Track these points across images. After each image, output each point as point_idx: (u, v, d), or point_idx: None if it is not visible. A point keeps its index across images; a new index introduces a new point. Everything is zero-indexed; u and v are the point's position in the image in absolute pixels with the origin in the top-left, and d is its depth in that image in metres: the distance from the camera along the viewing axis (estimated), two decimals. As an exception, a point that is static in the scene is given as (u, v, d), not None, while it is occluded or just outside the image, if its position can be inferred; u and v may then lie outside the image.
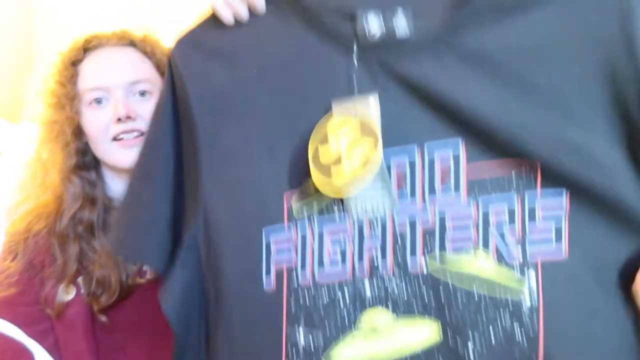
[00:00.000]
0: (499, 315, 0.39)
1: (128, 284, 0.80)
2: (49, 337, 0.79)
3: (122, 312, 0.80)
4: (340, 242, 0.43)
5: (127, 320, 0.80)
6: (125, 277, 0.79)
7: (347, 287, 0.43)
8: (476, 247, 0.40)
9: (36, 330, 0.78)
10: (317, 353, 0.43)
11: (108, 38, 0.82)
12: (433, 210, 0.41)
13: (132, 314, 0.81)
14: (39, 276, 0.78)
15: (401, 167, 0.42)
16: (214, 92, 0.48)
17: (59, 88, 0.78)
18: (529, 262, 0.39)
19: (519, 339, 0.39)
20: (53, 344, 0.79)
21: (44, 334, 0.78)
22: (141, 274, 0.82)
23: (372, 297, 0.43)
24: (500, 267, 0.39)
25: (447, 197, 0.41)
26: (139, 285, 0.82)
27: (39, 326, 0.78)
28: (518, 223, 0.40)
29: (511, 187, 0.40)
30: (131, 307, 0.81)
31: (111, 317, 0.79)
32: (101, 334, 0.79)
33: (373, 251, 0.43)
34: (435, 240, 0.41)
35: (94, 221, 0.79)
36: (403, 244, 0.42)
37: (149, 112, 0.74)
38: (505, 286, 0.39)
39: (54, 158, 0.79)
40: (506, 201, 0.40)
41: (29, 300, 0.78)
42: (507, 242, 0.40)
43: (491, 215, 0.40)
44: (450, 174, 0.41)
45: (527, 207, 0.40)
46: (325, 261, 0.44)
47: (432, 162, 0.41)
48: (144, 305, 0.81)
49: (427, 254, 0.41)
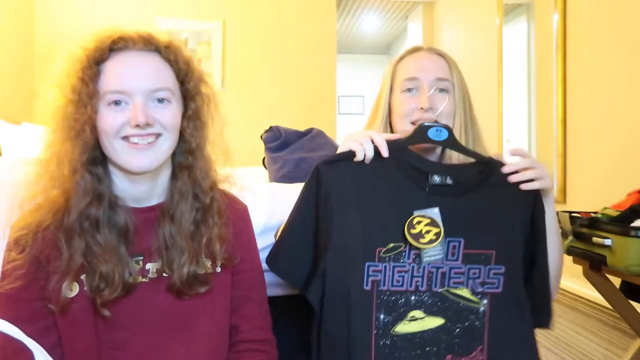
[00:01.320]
0: (469, 314, 0.88)
1: (130, 281, 0.80)
2: (52, 334, 0.79)
3: (124, 310, 0.80)
4: (402, 274, 0.87)
5: (129, 319, 0.81)
6: (128, 274, 0.80)
7: (404, 296, 0.87)
8: (463, 286, 0.89)
9: (39, 326, 0.78)
10: (389, 326, 0.86)
11: (135, 41, 0.81)
12: (447, 266, 0.88)
13: (134, 312, 0.81)
14: (44, 270, 0.78)
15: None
16: (345, 192, 0.89)
17: (81, 85, 0.77)
18: (484, 293, 0.89)
19: (477, 324, 0.88)
20: (55, 341, 0.79)
21: (47, 330, 0.79)
22: (144, 273, 0.83)
23: (415, 302, 0.87)
24: (472, 295, 0.88)
25: (453, 262, 0.89)
26: (141, 284, 0.82)
27: (42, 323, 0.78)
28: (482, 277, 0.89)
29: (481, 261, 0.89)
30: (132, 306, 0.81)
31: (113, 314, 0.79)
32: (102, 332, 0.79)
33: (417, 280, 0.88)
34: (446, 279, 0.88)
35: (100, 217, 0.79)
36: (433, 279, 0.88)
37: (165, 117, 0.81)
38: (473, 301, 0.88)
39: (67, 152, 0.79)
40: (478, 267, 0.89)
41: (33, 296, 0.78)
42: (476, 285, 0.88)
43: (470, 273, 0.88)
44: (456, 253, 0.89)
45: (488, 271, 0.89)
46: (394, 281, 0.87)
47: (449, 245, 0.89)
48: (145, 304, 0.82)
49: (442, 286, 0.88)
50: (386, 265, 0.87)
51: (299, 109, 4.04)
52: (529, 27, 3.33)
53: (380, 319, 0.86)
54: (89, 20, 3.72)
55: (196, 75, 0.87)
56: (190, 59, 0.87)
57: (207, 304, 0.86)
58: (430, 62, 1.06)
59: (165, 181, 0.88)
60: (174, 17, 3.85)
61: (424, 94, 1.02)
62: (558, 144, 2.91)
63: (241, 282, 0.92)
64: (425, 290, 0.87)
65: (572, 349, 2.10)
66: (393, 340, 0.86)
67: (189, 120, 0.86)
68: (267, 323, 0.95)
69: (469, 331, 0.86)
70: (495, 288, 0.88)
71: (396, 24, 5.99)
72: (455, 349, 0.86)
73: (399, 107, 1.05)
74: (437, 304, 0.87)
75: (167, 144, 0.82)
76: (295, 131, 1.61)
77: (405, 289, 0.87)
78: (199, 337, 0.85)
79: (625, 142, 2.39)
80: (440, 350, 0.86)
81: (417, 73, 1.04)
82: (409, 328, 0.86)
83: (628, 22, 2.39)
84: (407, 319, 0.86)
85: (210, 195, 0.88)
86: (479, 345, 0.87)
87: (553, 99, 2.94)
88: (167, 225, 0.84)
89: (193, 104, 0.86)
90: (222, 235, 0.88)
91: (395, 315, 0.86)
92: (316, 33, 4.13)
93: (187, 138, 0.86)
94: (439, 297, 0.87)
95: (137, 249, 0.83)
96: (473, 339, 0.87)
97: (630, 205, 1.37)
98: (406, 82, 1.05)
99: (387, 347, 0.85)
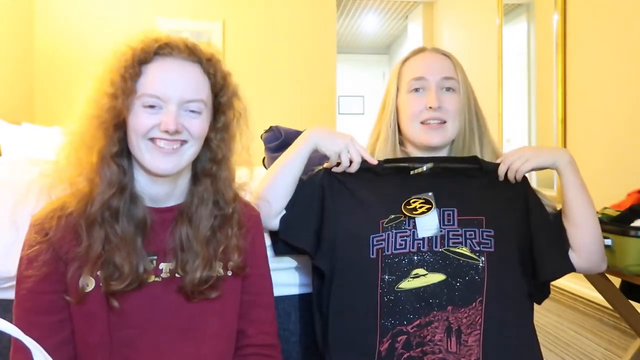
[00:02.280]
0: (469, 269, 0.95)
1: (143, 275, 0.81)
2: (66, 328, 0.80)
3: (135, 308, 0.81)
4: (404, 238, 0.97)
5: (140, 317, 0.81)
6: (142, 268, 0.80)
7: (407, 257, 0.96)
8: (461, 245, 0.97)
9: (55, 319, 0.79)
10: (392, 284, 0.94)
11: (180, 49, 0.83)
12: (445, 229, 0.98)
13: (145, 310, 0.82)
14: (63, 261, 0.79)
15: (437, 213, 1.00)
16: (347, 180, 1.04)
17: (121, 82, 0.78)
18: (482, 251, 0.96)
19: (477, 279, 0.94)
20: (68, 335, 0.80)
21: (61, 323, 0.80)
22: (157, 272, 0.84)
23: (417, 261, 0.95)
24: (471, 253, 0.96)
25: (450, 226, 0.98)
26: (154, 283, 0.83)
27: (58, 315, 0.79)
28: (478, 238, 0.97)
29: (474, 225, 0.98)
30: (144, 304, 0.82)
31: (124, 311, 0.80)
32: (114, 329, 0.80)
33: (419, 242, 0.97)
34: (445, 240, 0.97)
35: (120, 208, 0.80)
36: (433, 240, 0.97)
37: (194, 126, 0.83)
38: (473, 258, 0.96)
39: (97, 142, 0.80)
40: (473, 229, 0.98)
41: (52, 288, 0.79)
42: (473, 244, 0.96)
43: (467, 234, 0.97)
44: (452, 219, 0.98)
45: (481, 233, 0.97)
46: (397, 245, 0.96)
47: (444, 213, 0.99)
48: (156, 304, 0.83)
49: (442, 246, 0.96)
50: (389, 233, 0.97)
51: (299, 109, 4.04)
52: (529, 27, 3.33)
53: (385, 280, 0.94)
54: (89, 20, 3.72)
55: (231, 90, 0.89)
56: (229, 74, 0.89)
57: (217, 307, 0.87)
58: (436, 61, 1.08)
59: (185, 184, 0.89)
60: (174, 17, 3.86)
61: (432, 93, 1.04)
62: (558, 144, 2.91)
63: (250, 287, 0.93)
64: (426, 250, 0.95)
65: (572, 349, 2.10)
66: (397, 296, 0.93)
67: (218, 132, 0.88)
68: (273, 328, 0.96)
69: (469, 285, 0.93)
70: (489, 248, 0.96)
71: (396, 24, 5.99)
72: (456, 300, 0.93)
73: (407, 107, 1.07)
74: (438, 261, 0.94)
75: (191, 151, 0.84)
76: (295, 131, 1.61)
77: (408, 250, 0.96)
78: (207, 339, 0.86)
79: (625, 142, 2.39)
80: (442, 302, 0.92)
81: (424, 73, 1.06)
82: (413, 284, 0.93)
83: (628, 22, 2.39)
84: (410, 276, 0.94)
85: (232, 206, 0.89)
86: (478, 297, 0.93)
87: (553, 99, 2.94)
88: (184, 226, 0.85)
89: (223, 117, 0.89)
90: (240, 246, 0.89)
91: (399, 274, 0.94)
92: (316, 33, 4.13)
93: (213, 148, 0.88)
94: (440, 256, 0.95)
95: (152, 248, 0.84)
96: (473, 291, 0.93)
97: (630, 205, 1.37)
98: (413, 82, 1.06)
99: (391, 301, 0.93)
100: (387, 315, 0.93)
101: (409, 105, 1.06)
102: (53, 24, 3.69)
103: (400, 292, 0.93)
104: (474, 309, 0.92)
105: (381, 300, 0.93)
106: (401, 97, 1.09)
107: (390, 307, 0.93)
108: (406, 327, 0.92)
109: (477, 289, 0.93)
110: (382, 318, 0.93)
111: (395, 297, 0.93)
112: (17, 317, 0.78)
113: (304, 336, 1.19)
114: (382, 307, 0.93)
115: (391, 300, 0.93)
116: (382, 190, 1.02)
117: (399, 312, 0.93)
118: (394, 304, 0.93)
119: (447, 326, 0.91)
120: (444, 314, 0.92)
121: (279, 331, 0.98)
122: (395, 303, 0.93)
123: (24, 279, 0.78)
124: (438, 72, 1.06)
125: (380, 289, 0.94)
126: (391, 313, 0.93)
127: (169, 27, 3.77)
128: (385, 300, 0.93)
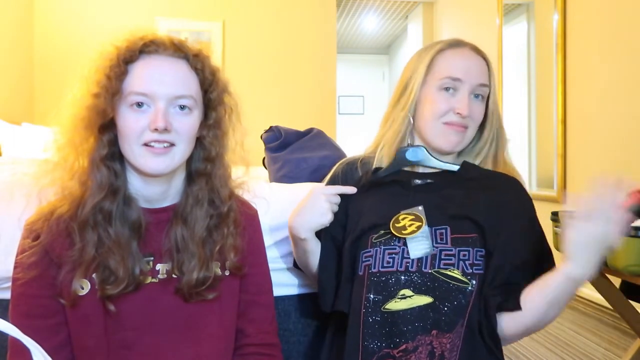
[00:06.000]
0: (458, 293, 0.89)
1: (139, 277, 0.80)
2: (62, 331, 0.80)
3: (133, 309, 0.80)
4: (392, 255, 0.93)
5: (137, 318, 0.81)
6: (138, 270, 0.80)
7: (394, 276, 0.91)
8: (453, 267, 0.91)
9: (51, 323, 0.78)
10: (379, 304, 0.90)
11: (165, 46, 0.82)
12: (437, 248, 0.92)
13: (142, 312, 0.81)
14: (56, 264, 0.78)
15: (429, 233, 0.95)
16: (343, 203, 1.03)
17: (107, 81, 0.78)
18: (474, 274, 0.91)
19: (463, 302, 0.88)
20: (65, 338, 0.80)
21: (58, 326, 0.79)
22: (153, 273, 0.83)
23: (405, 281, 0.90)
24: (462, 276, 0.90)
25: (442, 245, 0.93)
26: (151, 284, 0.82)
27: (53, 319, 0.79)
28: (471, 259, 0.91)
29: (469, 244, 0.92)
30: (141, 306, 0.81)
31: (122, 312, 0.79)
32: (111, 331, 0.80)
33: (407, 261, 0.92)
34: (436, 261, 0.91)
35: (113, 211, 0.80)
36: (423, 260, 0.92)
37: (183, 125, 0.82)
38: (463, 282, 0.90)
39: (86, 144, 0.79)
40: (467, 249, 0.92)
41: (45, 292, 0.78)
42: (466, 267, 0.90)
43: (461, 255, 0.91)
44: (444, 237, 0.93)
45: (475, 253, 0.92)
46: (384, 262, 0.93)
47: (436, 232, 0.94)
48: (153, 305, 0.82)
49: (432, 267, 0.91)
50: (377, 249, 0.94)
51: (299, 109, 4.04)
52: (529, 27, 3.33)
53: (370, 299, 0.90)
54: (89, 20, 3.72)
55: (221, 85, 0.88)
56: (217, 69, 0.88)
57: (215, 307, 0.86)
58: (476, 65, 1.02)
59: (179, 184, 0.88)
60: (174, 17, 3.85)
61: (465, 100, 0.98)
62: (558, 144, 2.91)
63: (249, 286, 0.92)
64: (415, 270, 0.90)
65: (572, 349, 2.10)
66: (384, 317, 0.88)
67: (210, 129, 0.87)
68: (273, 328, 0.95)
69: (456, 309, 0.87)
70: (480, 270, 0.90)
71: (396, 24, 5.99)
72: (442, 325, 0.86)
73: (433, 104, 1.00)
74: (426, 283, 0.89)
75: (181, 152, 0.83)
76: (295, 131, 1.61)
77: (396, 269, 0.91)
78: (206, 339, 0.85)
79: (625, 142, 2.39)
80: (427, 325, 0.87)
81: (462, 74, 0.99)
82: (399, 305, 0.88)
83: (628, 22, 2.39)
84: (397, 297, 0.89)
85: (228, 205, 0.89)
86: (461, 320, 0.87)
87: (553, 99, 2.94)
88: (179, 227, 0.84)
89: (214, 114, 0.87)
90: (237, 245, 0.88)
91: (386, 294, 0.90)
92: (316, 33, 4.13)
93: (206, 146, 0.87)
94: (428, 277, 0.90)
95: (148, 249, 0.83)
96: (458, 315, 0.87)
97: (630, 205, 1.37)
98: (447, 81, 0.99)
99: (376, 322, 0.89)
100: (371, 337, 0.88)
101: (437, 104, 1.00)
102: (53, 24, 3.69)
103: (387, 314, 0.88)
104: (456, 333, 0.86)
105: (365, 320, 0.89)
106: (428, 90, 1.01)
107: (376, 328, 0.88)
108: (392, 350, 0.86)
109: (462, 312, 0.87)
110: (365, 339, 0.88)
111: (382, 318, 0.88)
112: (12, 321, 0.77)
113: (304, 336, 1.19)
114: (366, 328, 0.88)
115: (377, 322, 0.88)
116: (375, 203, 1.01)
117: (386, 334, 0.87)
118: (380, 326, 0.88)
119: (429, 351, 0.85)
120: (427, 338, 0.86)
121: (279, 331, 0.98)
122: (382, 325, 0.88)
123: (18, 283, 0.77)
124: (475, 77, 1.00)
125: (364, 308, 0.89)
126: (376, 335, 0.87)
127: (168, 27, 3.76)
128: (370, 321, 0.88)
